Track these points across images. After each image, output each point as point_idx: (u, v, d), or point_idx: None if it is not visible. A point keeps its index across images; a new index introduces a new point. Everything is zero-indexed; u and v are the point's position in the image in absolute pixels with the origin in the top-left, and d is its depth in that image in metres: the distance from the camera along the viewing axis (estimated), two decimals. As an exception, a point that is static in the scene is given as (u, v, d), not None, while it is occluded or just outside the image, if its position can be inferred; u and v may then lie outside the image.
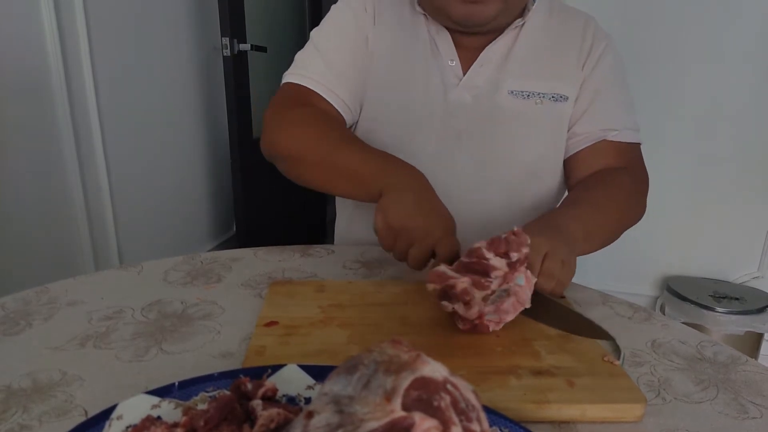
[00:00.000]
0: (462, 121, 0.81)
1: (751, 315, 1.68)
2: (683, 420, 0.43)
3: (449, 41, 0.81)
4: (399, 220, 0.61)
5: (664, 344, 0.55)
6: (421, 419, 0.25)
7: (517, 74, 0.81)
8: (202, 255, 0.76)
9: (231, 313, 0.59)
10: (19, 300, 0.60)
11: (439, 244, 0.59)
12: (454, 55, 0.81)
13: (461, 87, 0.81)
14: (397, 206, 0.62)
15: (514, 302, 0.52)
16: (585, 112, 0.81)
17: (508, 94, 0.80)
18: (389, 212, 0.61)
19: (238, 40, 2.35)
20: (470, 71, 0.81)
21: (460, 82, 0.81)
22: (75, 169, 1.80)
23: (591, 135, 0.80)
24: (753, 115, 1.78)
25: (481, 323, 0.52)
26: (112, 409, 0.35)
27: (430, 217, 0.61)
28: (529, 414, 0.42)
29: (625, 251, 2.03)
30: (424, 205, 0.62)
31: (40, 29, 1.64)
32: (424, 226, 0.60)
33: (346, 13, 0.83)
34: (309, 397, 0.38)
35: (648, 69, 1.81)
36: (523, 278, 0.52)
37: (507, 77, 0.80)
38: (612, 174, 0.78)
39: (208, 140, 2.66)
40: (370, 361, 0.28)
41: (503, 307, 0.52)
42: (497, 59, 0.81)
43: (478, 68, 0.81)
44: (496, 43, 0.81)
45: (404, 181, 0.65)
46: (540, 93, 0.80)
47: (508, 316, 0.53)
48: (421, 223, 0.60)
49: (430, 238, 0.59)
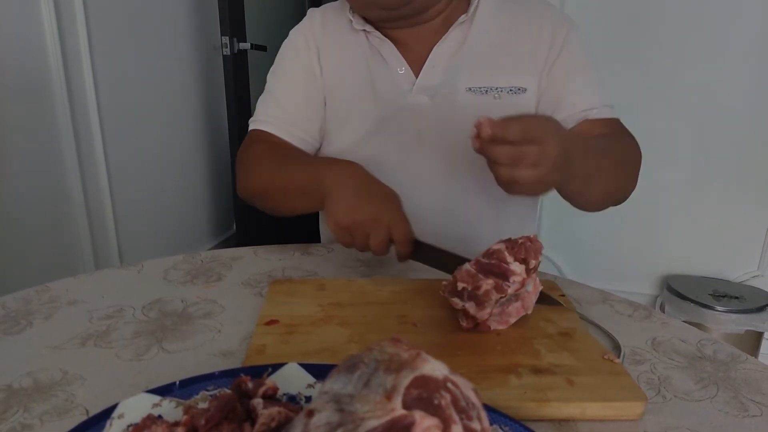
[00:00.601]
0: (422, 122, 0.82)
1: (751, 314, 1.68)
2: (683, 418, 0.43)
3: (394, 51, 0.83)
4: (346, 216, 0.63)
5: (664, 342, 0.55)
6: (422, 418, 0.25)
7: (472, 70, 0.81)
8: (203, 254, 0.76)
9: (231, 311, 0.59)
10: (19, 299, 0.60)
11: (394, 228, 0.63)
12: (402, 63, 0.83)
13: (416, 91, 0.82)
14: (340, 204, 0.64)
15: (519, 307, 0.53)
16: (560, 99, 0.81)
17: (465, 91, 0.80)
18: (335, 212, 0.64)
19: (238, 39, 2.35)
20: (422, 73, 0.82)
21: (413, 87, 0.82)
22: (75, 169, 1.80)
23: (572, 117, 0.80)
24: (753, 114, 1.78)
25: (483, 323, 0.52)
26: (113, 408, 0.35)
27: (373, 203, 0.64)
28: (529, 412, 0.42)
29: (625, 250, 2.04)
30: (365, 194, 0.65)
31: (40, 29, 1.64)
32: (371, 214, 0.63)
33: (290, 52, 0.88)
34: (309, 396, 0.38)
35: (648, 68, 1.81)
36: (531, 285, 0.53)
37: (462, 74, 0.81)
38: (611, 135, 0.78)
39: (208, 139, 2.66)
40: (371, 359, 0.28)
41: (508, 310, 0.53)
42: (448, 58, 0.82)
43: (431, 69, 0.82)
44: (443, 42, 0.81)
45: (340, 178, 0.68)
46: (497, 87, 0.81)
47: (511, 319, 0.53)
48: (367, 213, 0.63)
49: (381, 223, 0.63)
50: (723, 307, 1.69)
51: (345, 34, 0.86)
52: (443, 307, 0.57)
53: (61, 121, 1.73)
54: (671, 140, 1.85)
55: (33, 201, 1.67)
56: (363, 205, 0.63)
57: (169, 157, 2.36)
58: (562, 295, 0.62)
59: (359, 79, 0.84)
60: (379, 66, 0.83)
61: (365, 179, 0.68)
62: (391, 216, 0.63)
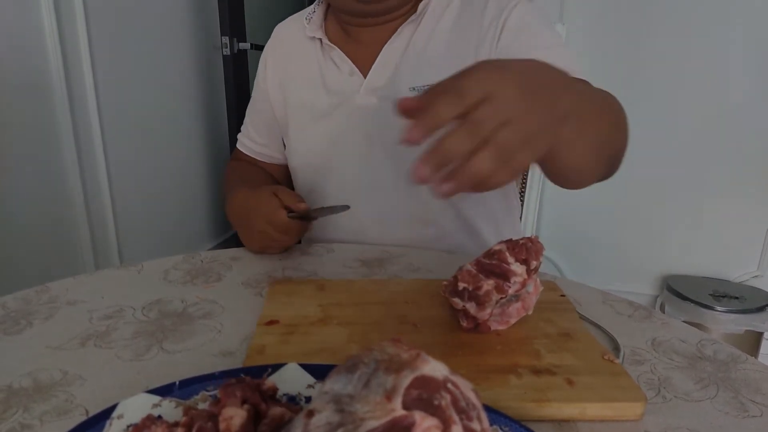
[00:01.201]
0: (370, 124, 0.83)
1: (751, 314, 1.68)
2: (683, 418, 0.43)
3: (342, 56, 0.84)
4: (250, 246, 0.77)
5: (664, 343, 0.55)
6: (422, 418, 0.25)
7: (416, 70, 0.80)
8: (203, 254, 0.76)
9: (231, 312, 0.59)
10: (19, 299, 0.60)
11: (271, 226, 0.72)
12: (351, 67, 0.84)
13: (364, 92, 0.83)
14: (242, 239, 0.79)
15: (519, 308, 0.53)
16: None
17: (409, 90, 0.80)
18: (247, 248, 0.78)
19: (238, 39, 2.35)
20: (370, 74, 0.82)
21: (361, 88, 0.83)
22: (75, 169, 1.80)
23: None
24: (753, 114, 1.78)
25: (484, 324, 0.52)
26: (112, 408, 0.35)
27: (249, 223, 0.74)
28: (529, 413, 0.42)
29: (625, 251, 2.04)
30: (242, 221, 0.76)
31: (40, 29, 1.64)
32: (251, 233, 0.75)
33: (258, 73, 0.95)
34: (309, 396, 0.38)
35: (648, 68, 1.81)
36: (532, 286, 0.53)
37: (406, 74, 0.80)
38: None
39: (208, 139, 2.66)
40: (371, 359, 0.28)
41: (509, 310, 0.53)
42: (396, 57, 0.82)
43: (380, 69, 0.82)
44: (392, 41, 0.82)
45: (231, 216, 0.80)
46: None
47: (512, 320, 0.53)
48: (250, 234, 0.75)
49: (266, 232, 0.73)
50: (723, 307, 1.69)
51: (300, 43, 0.89)
52: (443, 307, 0.57)
53: (61, 121, 1.73)
54: (671, 140, 1.85)
55: (33, 201, 1.67)
56: (245, 230, 0.76)
57: (169, 157, 2.36)
58: (562, 295, 0.62)
59: (313, 85, 0.86)
60: (331, 70, 0.85)
61: (240, 204, 0.77)
62: (262, 219, 0.72)
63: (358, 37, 0.84)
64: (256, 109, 0.97)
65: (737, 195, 1.85)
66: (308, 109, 0.87)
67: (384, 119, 0.81)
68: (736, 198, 1.85)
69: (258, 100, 0.96)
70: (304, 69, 0.88)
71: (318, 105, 0.86)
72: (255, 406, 0.33)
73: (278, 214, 0.71)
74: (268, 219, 0.71)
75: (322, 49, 0.86)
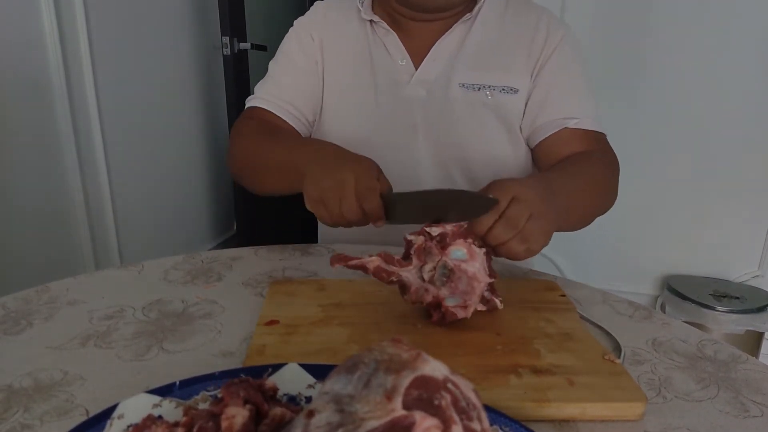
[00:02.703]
0: (417, 114, 0.84)
1: (752, 314, 1.68)
2: (684, 418, 0.43)
3: (398, 42, 0.85)
4: (315, 188, 0.62)
5: (664, 343, 0.55)
6: (422, 418, 0.25)
7: (467, 67, 0.83)
8: (203, 254, 0.76)
9: (231, 312, 0.59)
10: (19, 299, 0.60)
11: (357, 187, 0.60)
12: (404, 55, 0.85)
13: (414, 83, 0.84)
14: (311, 179, 0.64)
15: (469, 280, 0.51)
16: (544, 102, 0.82)
17: (459, 86, 0.83)
18: (306, 188, 0.64)
19: (238, 39, 2.35)
20: (422, 66, 0.84)
21: (412, 79, 0.84)
22: (75, 169, 1.80)
23: (552, 124, 0.81)
24: (753, 114, 1.78)
25: (446, 310, 0.52)
26: (113, 408, 0.35)
27: (340, 171, 0.62)
28: (529, 413, 0.42)
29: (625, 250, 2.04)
30: (332, 164, 0.64)
31: (40, 29, 1.64)
32: (337, 181, 0.61)
33: (293, 40, 0.90)
34: (310, 396, 0.38)
35: (648, 69, 1.81)
36: (463, 252, 0.51)
37: (458, 70, 0.83)
38: (585, 155, 0.78)
39: (208, 139, 2.66)
40: (371, 360, 0.28)
41: (460, 288, 0.51)
42: (449, 53, 0.84)
43: (431, 63, 0.84)
44: (446, 37, 0.84)
45: (312, 155, 0.68)
46: (490, 86, 0.82)
47: (472, 298, 0.51)
48: (334, 181, 0.61)
49: (348, 188, 0.60)
50: (723, 307, 1.68)
51: (350, 24, 0.89)
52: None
53: (61, 121, 1.73)
54: (671, 140, 1.85)
55: (33, 201, 1.67)
56: (329, 174, 0.62)
57: (169, 157, 2.36)
58: (562, 295, 0.62)
59: (361, 67, 0.87)
60: (382, 56, 0.86)
61: (335, 152, 0.67)
62: (356, 175, 0.61)
63: (407, 27, 0.85)
64: (292, 70, 0.89)
65: (738, 194, 1.84)
66: (352, 90, 0.87)
67: (431, 112, 0.84)
68: (737, 197, 1.85)
69: (295, 63, 0.89)
70: (351, 50, 0.88)
71: (363, 88, 0.86)
72: (257, 406, 0.33)
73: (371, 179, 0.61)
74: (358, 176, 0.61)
75: (374, 33, 0.87)
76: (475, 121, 0.83)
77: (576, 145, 0.80)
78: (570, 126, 0.80)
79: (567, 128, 0.80)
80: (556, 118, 0.81)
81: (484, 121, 0.83)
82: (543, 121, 0.82)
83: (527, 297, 0.61)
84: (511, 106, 0.83)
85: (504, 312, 0.57)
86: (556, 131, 0.81)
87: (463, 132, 0.84)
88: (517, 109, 0.83)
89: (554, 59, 0.82)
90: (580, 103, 0.82)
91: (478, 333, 0.53)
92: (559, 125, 0.80)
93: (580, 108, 0.81)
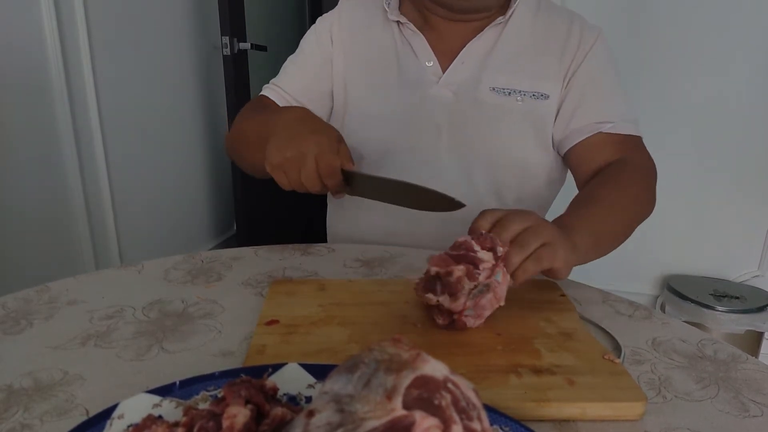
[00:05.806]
0: (442, 116, 0.83)
1: (752, 314, 1.68)
2: (684, 418, 0.43)
3: (425, 44, 0.85)
4: (277, 154, 0.64)
5: (664, 342, 0.55)
6: (422, 418, 0.25)
7: (498, 71, 0.82)
8: (203, 254, 0.76)
9: (232, 311, 0.59)
10: (19, 299, 0.60)
11: (319, 160, 0.63)
12: (431, 57, 0.84)
13: (441, 84, 0.83)
14: (275, 145, 0.65)
15: (492, 299, 0.52)
16: (578, 106, 0.81)
17: (489, 90, 0.82)
18: (270, 153, 0.65)
19: (238, 39, 2.35)
20: (451, 68, 0.83)
21: (439, 80, 0.83)
22: (75, 169, 1.80)
23: (586, 128, 0.80)
24: (753, 115, 1.78)
25: (459, 319, 0.52)
26: (113, 408, 0.35)
27: (304, 138, 0.64)
28: (529, 412, 0.42)
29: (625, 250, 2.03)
30: (297, 131, 0.65)
31: (40, 29, 1.64)
32: (298, 149, 0.63)
33: (313, 37, 0.91)
34: (310, 396, 0.38)
35: (649, 70, 1.81)
36: (501, 274, 0.52)
37: (488, 74, 0.82)
38: (618, 169, 0.77)
39: (208, 139, 2.66)
40: (371, 359, 0.28)
41: (481, 302, 0.52)
42: (479, 57, 0.83)
43: (460, 65, 0.83)
44: (476, 40, 0.83)
45: (281, 122, 0.68)
46: (521, 91, 0.82)
47: (486, 312, 0.53)
48: (295, 148, 0.63)
49: (308, 156, 0.63)
50: (723, 307, 1.69)
51: (375, 24, 0.88)
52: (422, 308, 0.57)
53: (61, 121, 1.73)
54: (671, 140, 1.85)
55: (33, 201, 1.67)
56: (292, 141, 0.64)
57: (169, 157, 2.36)
58: (562, 295, 0.62)
59: (386, 67, 0.86)
60: (408, 57, 0.85)
61: (303, 117, 0.68)
62: (319, 149, 0.63)
63: (438, 28, 0.85)
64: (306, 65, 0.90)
65: (737, 194, 1.85)
66: (376, 90, 0.86)
67: (456, 114, 0.83)
68: (736, 198, 1.85)
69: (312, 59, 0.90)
70: (376, 50, 0.87)
71: (387, 87, 0.86)
72: (258, 406, 0.33)
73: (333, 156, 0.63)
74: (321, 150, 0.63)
75: (401, 34, 0.86)
76: (503, 126, 0.82)
77: (609, 152, 0.79)
78: (604, 130, 0.79)
79: (601, 133, 0.79)
80: (589, 123, 0.80)
81: (512, 126, 0.82)
82: (577, 125, 0.81)
83: (527, 297, 0.61)
84: (541, 112, 0.82)
85: (504, 312, 0.57)
86: (589, 135, 0.80)
87: (489, 136, 0.83)
88: (547, 115, 0.82)
89: (587, 64, 0.81)
90: (614, 107, 0.81)
91: (478, 333, 0.53)
92: (594, 129, 0.80)
93: (614, 111, 0.80)
